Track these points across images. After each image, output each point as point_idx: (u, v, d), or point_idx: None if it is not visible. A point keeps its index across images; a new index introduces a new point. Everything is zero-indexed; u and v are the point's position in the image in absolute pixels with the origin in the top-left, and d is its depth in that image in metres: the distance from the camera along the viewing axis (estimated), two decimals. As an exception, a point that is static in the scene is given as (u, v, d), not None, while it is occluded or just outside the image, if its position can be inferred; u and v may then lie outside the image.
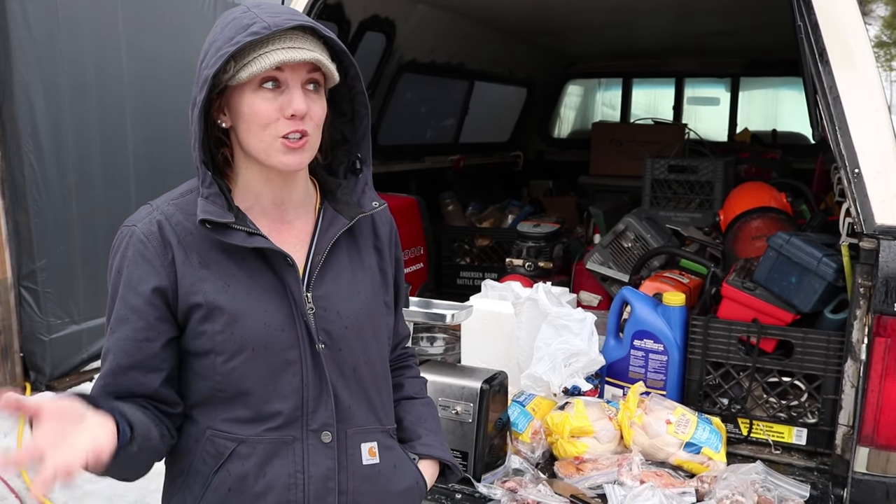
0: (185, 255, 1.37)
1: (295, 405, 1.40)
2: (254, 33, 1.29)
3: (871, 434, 2.14)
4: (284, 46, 1.31)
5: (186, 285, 1.37)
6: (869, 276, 2.15)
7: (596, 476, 2.28)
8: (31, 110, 4.34)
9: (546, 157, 6.41)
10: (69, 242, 4.64)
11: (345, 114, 1.50)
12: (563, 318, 2.64)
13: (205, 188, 1.37)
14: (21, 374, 4.53)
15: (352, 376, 1.46)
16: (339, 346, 1.44)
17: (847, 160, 2.17)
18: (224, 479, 1.39)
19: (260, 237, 1.38)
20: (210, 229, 1.35)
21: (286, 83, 1.33)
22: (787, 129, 5.88)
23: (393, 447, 1.54)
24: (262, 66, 1.30)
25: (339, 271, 1.47)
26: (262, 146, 1.35)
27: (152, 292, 1.36)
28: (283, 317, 1.39)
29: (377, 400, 1.52)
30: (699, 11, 4.02)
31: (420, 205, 4.11)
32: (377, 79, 4.23)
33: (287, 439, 1.40)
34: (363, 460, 1.47)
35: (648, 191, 4.23)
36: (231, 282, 1.38)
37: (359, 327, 1.47)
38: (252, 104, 1.34)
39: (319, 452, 1.41)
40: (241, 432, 1.39)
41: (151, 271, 1.36)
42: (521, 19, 4.39)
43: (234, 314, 1.36)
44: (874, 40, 15.29)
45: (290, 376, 1.39)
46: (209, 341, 1.37)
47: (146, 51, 5.04)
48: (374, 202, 1.50)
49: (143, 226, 1.39)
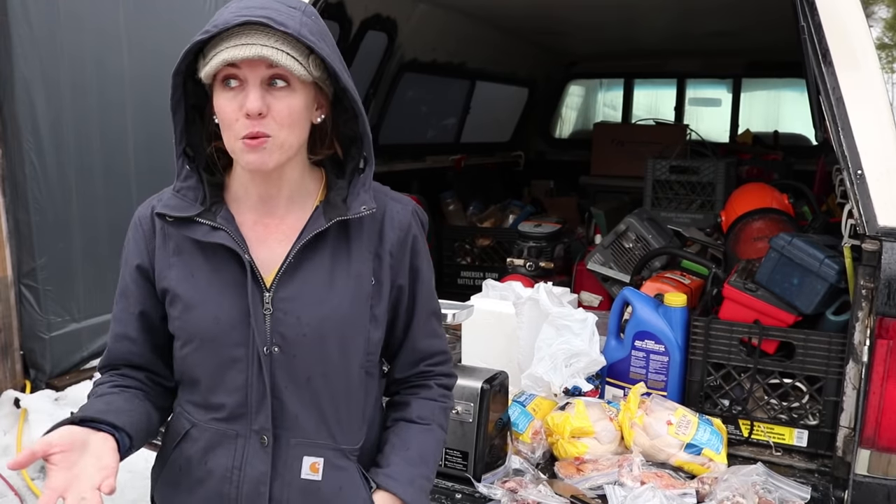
0: (163, 241, 1.44)
1: (239, 402, 1.41)
2: (205, 31, 1.28)
3: (873, 436, 2.14)
4: (235, 44, 1.27)
5: (158, 269, 1.44)
6: (871, 277, 2.14)
7: (596, 477, 2.28)
8: (32, 107, 4.33)
9: (547, 157, 6.41)
10: (69, 240, 4.63)
11: (348, 110, 1.43)
12: (564, 318, 2.64)
13: (179, 182, 1.42)
14: (21, 372, 4.52)
15: (305, 385, 1.41)
16: (293, 353, 1.39)
17: (850, 161, 2.16)
18: (177, 457, 1.47)
19: (222, 232, 1.38)
20: (171, 223, 1.40)
21: (245, 80, 1.30)
22: (788, 131, 5.88)
23: (345, 468, 1.45)
24: (213, 65, 1.29)
25: (312, 275, 1.40)
26: (230, 145, 1.36)
27: (137, 271, 1.46)
28: (236, 314, 1.38)
29: (332, 415, 1.43)
30: (701, 12, 4.02)
31: (421, 204, 4.09)
32: (378, 78, 4.23)
33: (231, 433, 1.42)
34: (302, 473, 1.42)
35: (650, 191, 4.22)
36: (196, 272, 1.41)
37: (320, 336, 1.39)
38: (218, 103, 1.34)
39: (257, 454, 1.41)
40: (195, 416, 1.46)
41: (137, 252, 1.46)
42: (523, 19, 4.39)
43: (189, 303, 1.40)
44: (876, 42, 15.29)
45: (235, 373, 1.40)
46: (172, 325, 1.45)
47: (147, 47, 5.03)
48: (364, 206, 1.40)
49: (142, 210, 1.49)
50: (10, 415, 4.22)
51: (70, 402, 4.32)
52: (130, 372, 1.49)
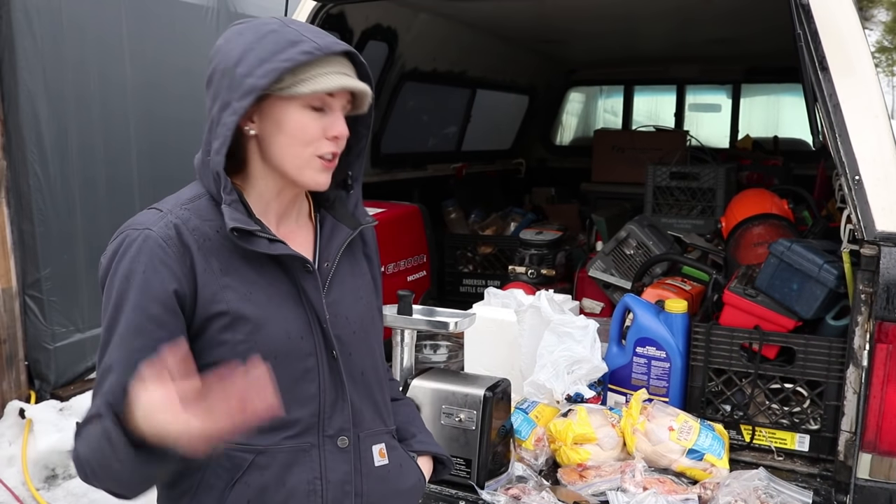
0: (205, 261, 1.33)
1: (312, 412, 1.41)
2: (307, 52, 1.32)
3: (874, 440, 2.15)
4: (342, 72, 1.37)
5: (208, 293, 1.32)
6: (870, 282, 2.15)
7: (599, 483, 2.29)
8: (36, 119, 4.36)
9: (548, 164, 6.42)
10: (73, 251, 4.65)
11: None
12: (566, 325, 2.65)
13: (226, 195, 1.34)
14: (26, 383, 4.53)
15: (360, 380, 1.49)
16: (349, 352, 1.47)
17: (847, 167, 2.18)
18: (242, 491, 1.36)
19: (281, 244, 1.38)
20: (237, 237, 1.33)
21: (331, 106, 1.38)
22: (788, 136, 5.89)
23: (396, 447, 1.59)
24: (325, 86, 1.34)
25: (342, 278, 1.51)
26: (298, 162, 1.38)
27: (174, 300, 1.30)
28: (301, 324, 1.40)
29: (381, 402, 1.56)
30: (700, 19, 4.04)
31: (423, 213, 4.12)
32: (379, 88, 4.24)
33: (305, 446, 1.40)
34: (375, 462, 1.50)
35: (650, 198, 4.23)
36: (253, 289, 1.36)
37: (364, 332, 1.52)
38: (300, 121, 1.35)
39: (337, 457, 1.44)
40: (260, 443, 1.36)
41: (172, 277, 1.30)
42: (523, 27, 4.41)
43: (258, 323, 1.34)
44: (875, 45, 15.32)
45: (307, 384, 1.41)
46: (230, 351, 1.33)
47: (150, 59, 5.07)
48: (367, 217, 1.57)
49: (160, 229, 1.32)
50: (14, 425, 4.23)
51: (75, 412, 4.34)
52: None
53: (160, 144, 5.16)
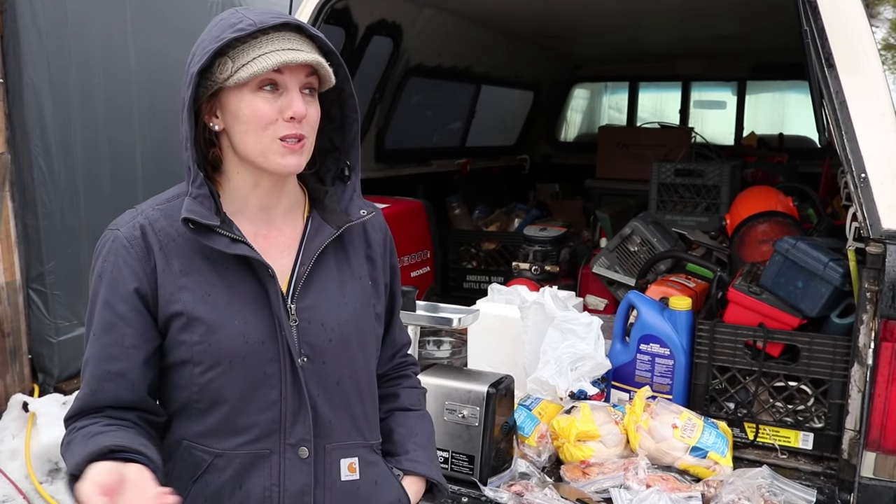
0: (165, 261, 1.35)
1: (272, 419, 1.37)
2: (239, 29, 1.29)
3: (878, 439, 2.14)
4: (285, 48, 1.30)
5: (166, 293, 1.34)
6: (875, 280, 2.15)
7: (602, 480, 2.28)
8: (41, 113, 4.35)
9: (552, 160, 6.41)
10: (77, 245, 4.65)
11: (333, 120, 1.46)
12: (570, 321, 2.65)
13: (195, 188, 1.34)
14: (29, 376, 4.54)
15: (335, 390, 1.42)
16: (322, 360, 1.40)
17: (853, 165, 2.17)
18: (201, 489, 1.38)
19: (243, 245, 1.34)
20: (193, 230, 1.32)
21: (285, 86, 1.32)
22: (793, 133, 5.87)
23: (376, 462, 1.51)
24: (263, 66, 1.28)
25: (325, 281, 1.43)
26: (261, 147, 1.33)
27: (136, 298, 1.34)
28: (263, 329, 1.36)
29: (360, 414, 1.48)
30: (705, 15, 4.03)
31: (427, 208, 4.12)
32: (384, 83, 4.24)
33: (264, 452, 1.37)
34: (342, 476, 1.44)
35: (655, 195, 4.23)
36: (212, 291, 1.35)
37: (344, 340, 1.43)
38: (252, 105, 1.32)
39: (296, 467, 1.39)
40: (217, 446, 1.37)
41: (133, 277, 1.34)
42: (528, 23, 4.40)
43: (212, 325, 1.33)
44: (881, 43, 15.25)
45: (267, 390, 1.36)
46: (187, 351, 1.34)
47: (154, 52, 5.06)
48: (363, 210, 1.46)
49: (127, 230, 1.37)
50: (18, 419, 4.24)
51: (78, 405, 4.34)
52: (116, 413, 1.35)
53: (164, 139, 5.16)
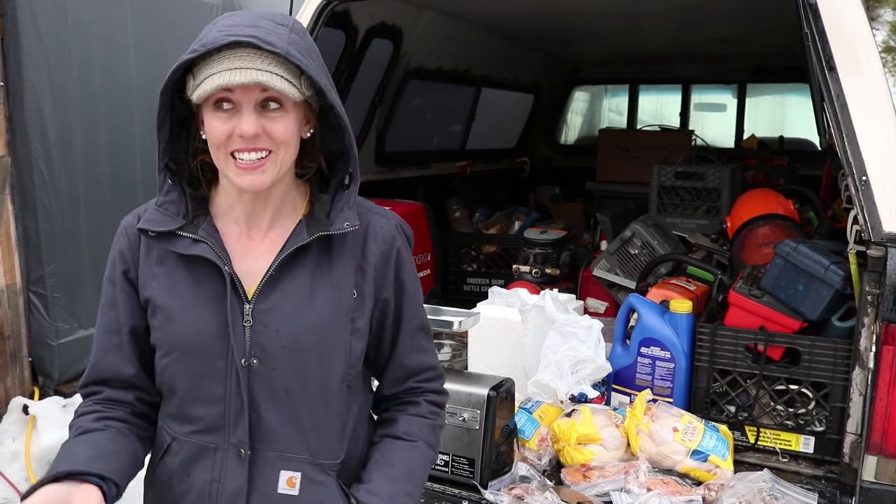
0: (147, 251, 1.45)
1: (218, 413, 1.40)
2: (192, 51, 1.30)
3: (880, 442, 2.14)
4: (234, 66, 1.27)
5: (143, 280, 1.44)
6: (877, 283, 2.14)
7: (603, 483, 2.28)
8: (41, 115, 4.35)
9: (553, 163, 6.42)
10: (78, 247, 4.65)
11: (334, 125, 1.43)
12: (570, 324, 2.64)
13: (161, 196, 1.44)
14: (30, 379, 4.54)
15: (284, 398, 1.40)
16: (273, 365, 1.39)
17: (854, 168, 2.17)
18: (162, 468, 1.47)
19: (203, 245, 1.38)
20: (153, 237, 1.41)
21: (239, 103, 1.31)
22: (794, 136, 5.87)
23: (324, 483, 1.43)
24: (205, 90, 1.29)
25: (292, 288, 1.40)
26: (220, 164, 1.37)
27: (125, 280, 1.46)
28: (217, 326, 1.38)
29: (311, 428, 1.42)
30: (705, 18, 4.03)
31: (427, 211, 4.12)
32: (384, 86, 4.24)
33: (209, 446, 1.41)
34: (279, 488, 1.40)
35: (655, 197, 4.22)
36: (178, 284, 1.42)
37: (299, 348, 1.39)
38: (210, 123, 1.34)
39: (235, 468, 1.40)
40: (174, 429, 1.45)
41: (123, 261, 1.47)
42: (528, 26, 4.40)
43: (170, 314, 1.41)
44: (882, 45, 15.25)
45: (213, 385, 1.39)
46: (153, 336, 1.44)
47: (155, 56, 5.05)
48: (346, 223, 1.40)
49: (128, 219, 1.51)
50: (18, 421, 4.23)
51: (78, 408, 4.33)
52: (116, 394, 1.46)
53: (164, 141, 5.15)
